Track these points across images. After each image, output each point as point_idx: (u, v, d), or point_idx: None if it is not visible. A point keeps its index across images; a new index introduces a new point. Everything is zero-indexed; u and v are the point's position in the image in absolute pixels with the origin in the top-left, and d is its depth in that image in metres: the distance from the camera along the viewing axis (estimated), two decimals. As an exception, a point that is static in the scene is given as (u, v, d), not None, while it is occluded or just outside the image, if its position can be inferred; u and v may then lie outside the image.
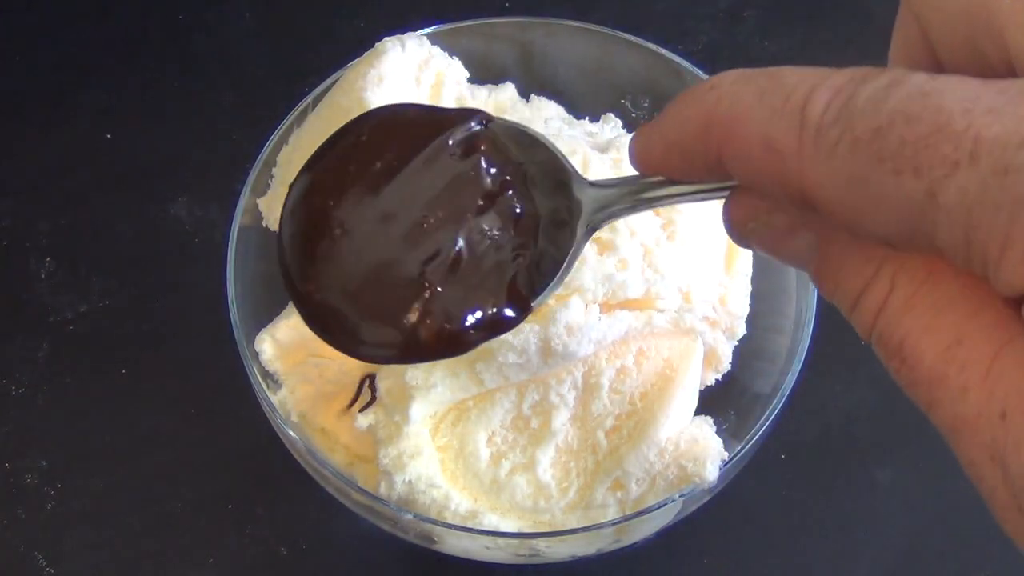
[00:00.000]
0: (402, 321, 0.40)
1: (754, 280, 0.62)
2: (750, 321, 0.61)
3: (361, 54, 0.61)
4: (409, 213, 0.41)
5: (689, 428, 0.56)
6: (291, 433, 0.55)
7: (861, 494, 0.70)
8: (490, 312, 0.41)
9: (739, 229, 0.34)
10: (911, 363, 0.28)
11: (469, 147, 0.42)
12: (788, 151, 0.27)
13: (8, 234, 0.79)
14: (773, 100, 0.28)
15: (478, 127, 0.42)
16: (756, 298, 0.62)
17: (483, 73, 0.66)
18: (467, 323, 0.40)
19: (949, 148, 0.24)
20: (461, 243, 0.40)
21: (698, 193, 0.35)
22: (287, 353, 0.59)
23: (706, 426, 0.56)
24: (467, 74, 0.63)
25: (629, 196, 0.38)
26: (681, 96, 0.32)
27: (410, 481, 0.54)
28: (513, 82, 0.66)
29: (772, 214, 0.32)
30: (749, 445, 0.55)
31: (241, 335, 0.57)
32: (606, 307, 0.55)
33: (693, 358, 0.56)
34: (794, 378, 0.57)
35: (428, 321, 0.40)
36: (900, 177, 0.25)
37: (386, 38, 0.61)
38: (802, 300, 0.60)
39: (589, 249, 0.55)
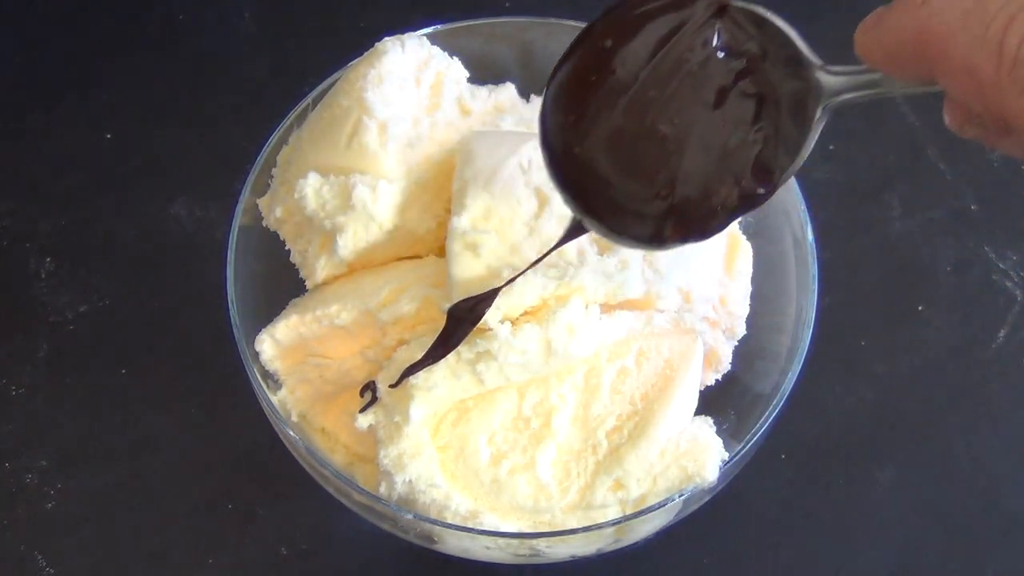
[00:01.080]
0: (657, 192, 0.44)
1: (754, 280, 0.62)
2: (750, 321, 0.61)
3: (361, 54, 0.61)
4: (662, 99, 0.43)
5: (689, 428, 0.56)
6: (291, 433, 0.55)
7: (861, 494, 0.70)
8: (739, 188, 0.43)
9: (957, 128, 0.37)
10: None
11: (710, 32, 0.43)
12: (988, 81, 0.30)
13: (8, 234, 0.79)
14: (975, 26, 0.30)
15: (715, 13, 0.43)
16: (756, 298, 0.62)
17: (483, 73, 0.66)
18: (716, 198, 0.44)
19: None
20: (710, 123, 0.43)
21: (923, 89, 0.37)
22: (287, 353, 0.59)
23: (706, 426, 0.56)
24: (467, 74, 0.63)
25: (862, 85, 0.40)
26: (897, 3, 0.34)
27: (410, 481, 0.54)
28: (513, 82, 0.66)
29: (983, 117, 0.34)
30: (749, 445, 0.55)
31: (241, 335, 0.57)
32: (606, 307, 0.55)
33: (693, 358, 0.56)
34: (794, 378, 0.57)
35: (681, 193, 0.43)
36: None
37: (386, 38, 0.61)
38: (802, 300, 0.60)
39: (589, 249, 0.55)
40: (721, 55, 0.43)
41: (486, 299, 0.51)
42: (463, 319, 0.52)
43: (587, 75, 0.44)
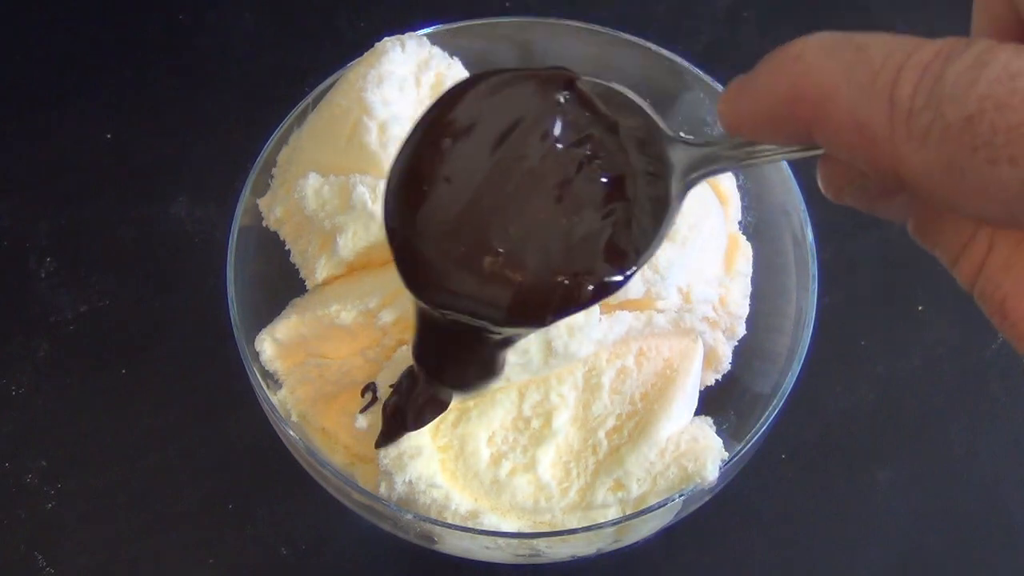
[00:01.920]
0: (496, 280, 0.39)
1: (754, 280, 0.62)
2: (750, 321, 0.61)
3: (361, 54, 0.61)
4: (502, 181, 0.40)
5: (689, 428, 0.56)
6: (291, 433, 0.55)
7: (861, 494, 0.70)
8: (592, 277, 0.39)
9: (833, 192, 0.34)
10: (1012, 319, 0.28)
11: (550, 122, 0.40)
12: (881, 136, 0.27)
13: (8, 234, 0.79)
14: (861, 78, 0.27)
15: (565, 92, 0.40)
16: (756, 298, 0.62)
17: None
18: (566, 290, 0.39)
19: None
20: (554, 207, 0.39)
21: (790, 154, 0.35)
22: (287, 353, 0.59)
23: (706, 426, 0.56)
24: (467, 74, 0.63)
25: (723, 156, 0.37)
26: (767, 62, 0.31)
27: (410, 481, 0.54)
28: (513, 82, 0.66)
29: (866, 178, 0.32)
30: (749, 445, 0.55)
31: (241, 335, 0.57)
32: (606, 307, 0.55)
33: (693, 358, 0.56)
34: (794, 378, 0.57)
35: (528, 292, 0.39)
36: (996, 167, 0.25)
37: (386, 38, 0.61)
38: (802, 300, 0.60)
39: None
40: (561, 145, 0.39)
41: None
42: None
43: (422, 178, 0.40)
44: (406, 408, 0.52)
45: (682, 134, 0.39)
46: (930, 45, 0.26)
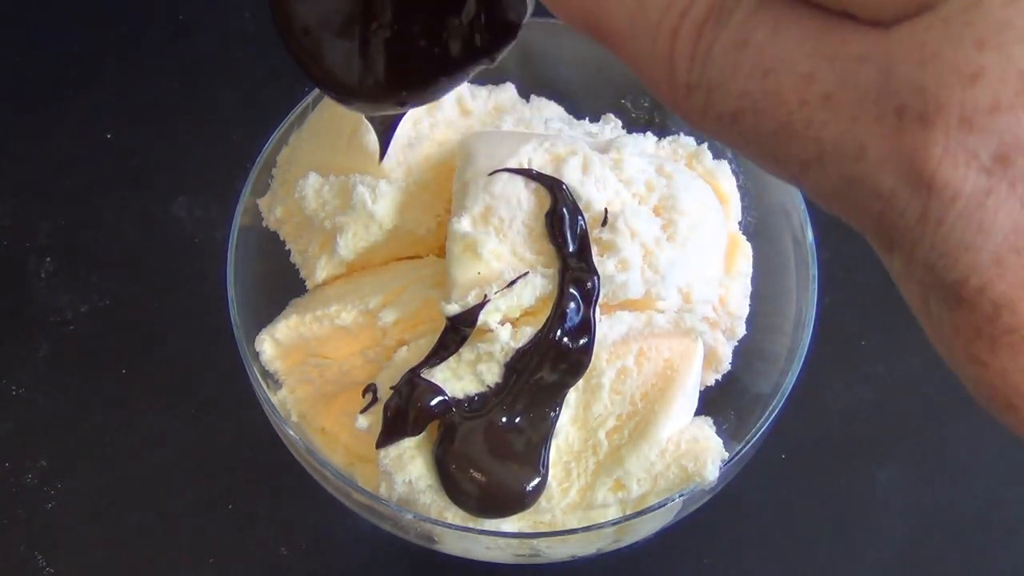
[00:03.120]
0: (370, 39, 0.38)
1: (754, 281, 0.62)
2: (750, 321, 0.61)
3: (361, 54, 0.61)
4: None
5: (690, 428, 0.56)
6: (291, 433, 0.55)
7: (861, 494, 0.70)
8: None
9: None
10: None
11: None
12: (667, 98, 0.26)
13: (8, 234, 0.79)
14: (643, 36, 0.26)
15: None
16: (756, 299, 0.62)
17: (483, 73, 0.65)
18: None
19: (797, 148, 0.24)
20: None
21: None
22: (287, 353, 0.59)
23: (706, 426, 0.56)
24: (467, 74, 0.63)
25: None
26: None
27: (410, 481, 0.54)
28: (513, 82, 0.66)
29: None
30: (749, 445, 0.55)
31: (241, 335, 0.57)
32: (606, 308, 0.55)
33: (693, 359, 0.56)
34: (794, 378, 0.57)
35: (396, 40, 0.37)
36: (764, 161, 0.25)
37: (386, 38, 0.60)
38: (802, 301, 0.60)
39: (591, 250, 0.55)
40: None
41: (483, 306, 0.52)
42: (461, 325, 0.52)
43: None
44: (407, 411, 0.52)
45: None
46: None
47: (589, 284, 0.53)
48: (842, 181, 0.24)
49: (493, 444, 0.52)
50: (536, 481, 0.52)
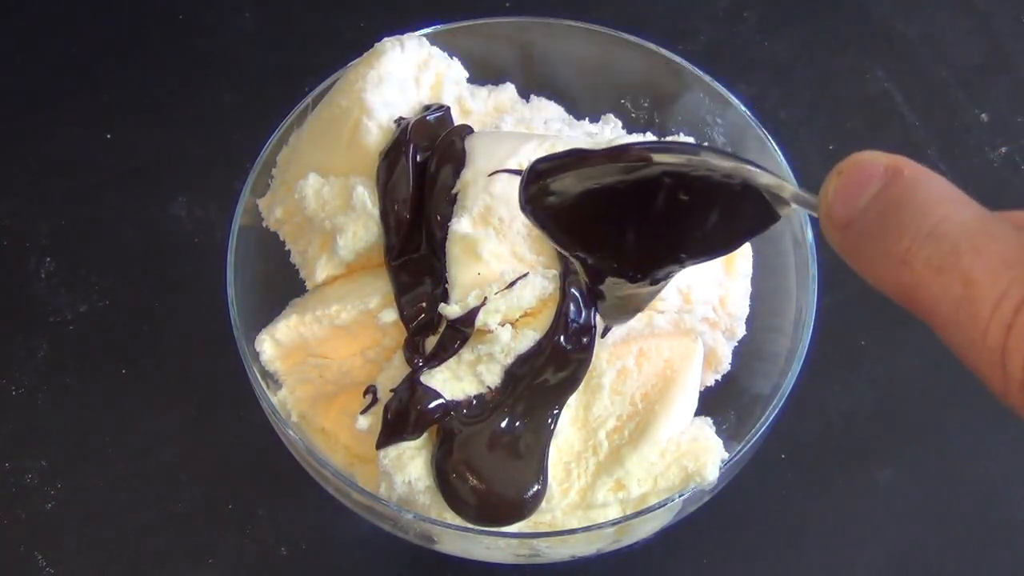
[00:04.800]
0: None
1: (754, 281, 0.62)
2: (750, 322, 0.61)
3: (361, 54, 0.61)
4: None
5: (690, 428, 0.56)
6: (291, 433, 0.55)
7: (861, 494, 0.70)
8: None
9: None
10: None
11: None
12: (991, 384, 0.27)
13: (8, 234, 0.79)
14: (970, 327, 0.26)
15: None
16: (756, 299, 0.62)
17: (483, 73, 0.66)
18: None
19: None
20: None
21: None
22: (287, 353, 0.59)
23: (706, 426, 0.56)
24: (467, 74, 0.63)
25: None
26: (868, 244, 0.29)
27: (410, 481, 0.54)
28: (513, 82, 0.66)
29: None
30: (749, 445, 0.55)
31: (241, 335, 0.57)
32: (606, 308, 0.55)
33: (693, 359, 0.56)
34: (794, 378, 0.57)
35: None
36: None
37: (386, 38, 0.61)
38: (801, 301, 0.60)
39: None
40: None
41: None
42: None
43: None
44: (407, 413, 0.52)
45: None
46: None
47: None
48: None
49: (492, 452, 0.52)
50: (534, 490, 0.52)
